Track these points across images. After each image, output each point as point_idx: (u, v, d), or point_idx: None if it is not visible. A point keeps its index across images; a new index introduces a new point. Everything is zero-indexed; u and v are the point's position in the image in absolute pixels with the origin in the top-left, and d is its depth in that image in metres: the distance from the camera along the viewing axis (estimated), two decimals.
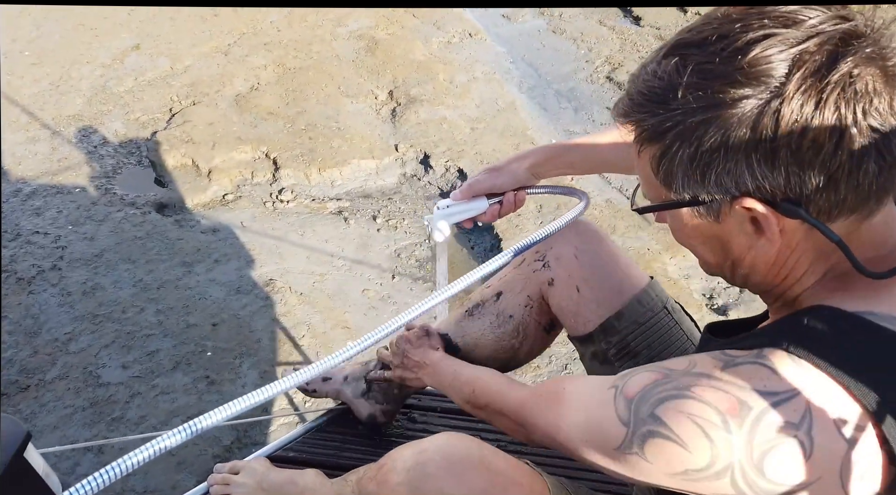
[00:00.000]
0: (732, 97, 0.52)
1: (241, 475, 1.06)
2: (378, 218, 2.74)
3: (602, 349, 0.98)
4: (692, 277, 2.40)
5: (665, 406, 0.56)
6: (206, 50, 3.86)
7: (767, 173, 0.53)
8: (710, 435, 0.53)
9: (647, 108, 0.57)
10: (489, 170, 0.95)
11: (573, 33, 4.13)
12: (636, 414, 0.58)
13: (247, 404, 0.55)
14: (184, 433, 0.45)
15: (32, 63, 3.74)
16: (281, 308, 2.30)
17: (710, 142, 0.54)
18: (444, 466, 0.73)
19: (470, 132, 3.19)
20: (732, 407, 0.53)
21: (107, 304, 2.30)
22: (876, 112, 0.51)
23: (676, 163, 0.56)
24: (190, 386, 2.03)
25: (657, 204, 0.62)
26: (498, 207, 0.96)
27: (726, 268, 0.64)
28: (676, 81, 0.54)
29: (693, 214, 0.59)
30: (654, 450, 0.56)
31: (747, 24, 0.52)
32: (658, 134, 0.56)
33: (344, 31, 4.07)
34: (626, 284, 0.98)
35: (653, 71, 0.57)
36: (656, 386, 0.58)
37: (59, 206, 2.73)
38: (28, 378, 2.04)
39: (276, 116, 3.28)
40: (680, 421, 0.55)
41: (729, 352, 0.57)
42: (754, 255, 0.59)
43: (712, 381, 0.55)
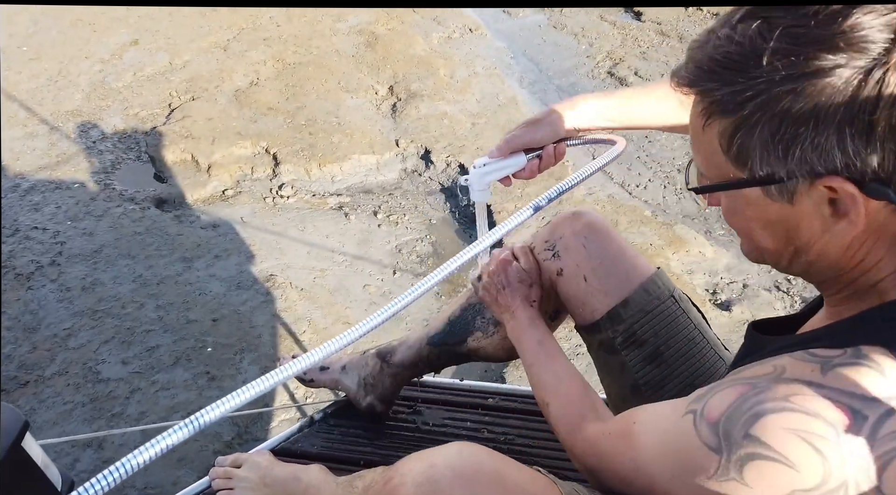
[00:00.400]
0: (828, 64, 0.47)
1: (243, 468, 1.04)
2: (379, 213, 2.73)
3: (609, 337, 0.96)
4: (695, 272, 2.39)
5: (761, 423, 0.50)
6: (205, 45, 3.84)
7: (861, 149, 0.48)
8: (822, 451, 0.48)
9: (721, 75, 0.51)
10: (527, 124, 0.90)
11: (574, 28, 4.11)
12: (727, 438, 0.52)
13: (248, 395, 0.52)
14: (188, 428, 0.43)
15: (30, 58, 3.72)
16: (281, 303, 2.29)
17: (797, 114, 0.48)
18: (456, 482, 0.68)
19: (471, 127, 3.17)
20: (844, 417, 0.48)
21: (106, 300, 2.28)
22: None
23: (755, 138, 0.51)
24: (190, 381, 2.01)
25: (722, 183, 0.56)
26: (537, 162, 0.92)
27: (785, 256, 0.58)
28: (760, 46, 0.49)
29: (762, 195, 0.54)
30: (754, 474, 0.51)
31: None
32: (735, 105, 0.51)
33: (344, 27, 4.05)
34: (633, 273, 0.97)
35: (726, 35, 0.51)
36: (744, 402, 0.52)
37: (57, 202, 2.71)
38: (27, 374, 2.03)
39: (276, 111, 3.26)
40: (783, 439, 0.49)
41: (816, 352, 0.52)
42: (827, 240, 0.54)
43: (814, 388, 0.50)
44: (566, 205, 2.58)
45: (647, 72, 3.60)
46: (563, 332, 2.13)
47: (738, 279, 2.35)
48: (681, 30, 3.99)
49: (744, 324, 2.17)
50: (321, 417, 1.28)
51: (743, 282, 2.34)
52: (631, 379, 0.96)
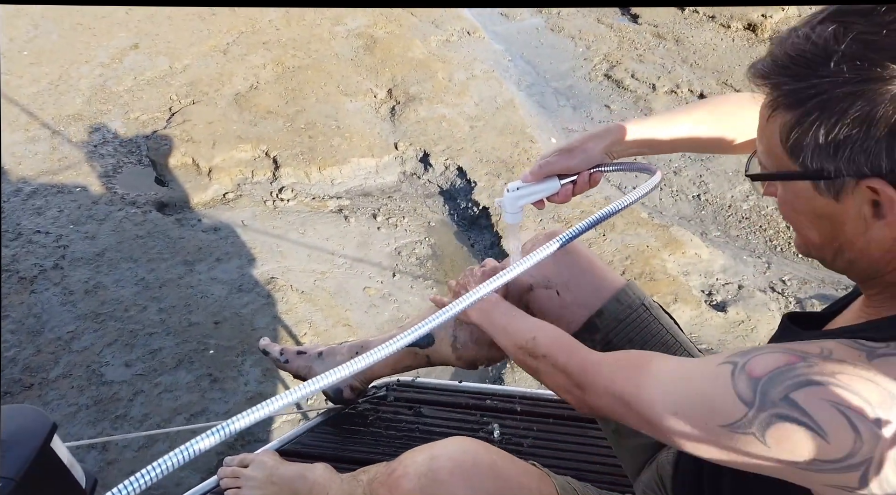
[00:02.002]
0: (890, 74, 0.49)
1: (250, 468, 1.07)
2: (378, 216, 2.75)
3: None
4: (691, 274, 2.41)
5: (806, 391, 0.53)
6: (205, 49, 3.87)
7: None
8: (858, 427, 0.51)
9: (791, 71, 0.54)
10: (562, 152, 0.91)
11: (571, 31, 4.14)
12: (763, 395, 0.54)
13: (281, 403, 0.53)
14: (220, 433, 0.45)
15: (31, 63, 3.74)
16: (282, 306, 2.31)
17: (853, 117, 0.51)
18: (456, 473, 0.73)
19: (469, 130, 3.20)
20: (884, 400, 0.50)
21: (109, 303, 2.31)
22: None
23: (811, 134, 0.54)
24: (193, 383, 2.04)
25: (775, 173, 0.59)
26: (571, 188, 0.92)
27: (829, 251, 0.61)
28: (832, 48, 0.51)
29: (811, 189, 0.57)
30: (778, 435, 0.53)
31: None
32: (798, 100, 0.54)
33: (342, 30, 4.08)
34: (605, 285, 1.01)
35: (805, 35, 0.54)
36: (792, 369, 0.54)
37: (60, 206, 2.74)
38: (31, 376, 2.05)
39: (276, 115, 3.28)
40: (823, 409, 0.51)
41: (864, 343, 0.55)
42: (868, 240, 0.57)
43: (860, 370, 0.52)
44: (554, 212, 2.61)
45: (643, 74, 3.63)
46: None
47: (734, 280, 2.38)
48: (677, 32, 4.02)
49: (739, 325, 2.21)
50: (325, 418, 1.31)
51: (738, 284, 2.37)
52: None
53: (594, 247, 2.48)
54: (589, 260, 1.02)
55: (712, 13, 4.15)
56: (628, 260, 2.43)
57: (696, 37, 3.97)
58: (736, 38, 3.96)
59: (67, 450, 0.48)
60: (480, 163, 2.96)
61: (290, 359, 1.27)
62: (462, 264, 2.54)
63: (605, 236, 2.53)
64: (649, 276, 2.35)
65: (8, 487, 0.43)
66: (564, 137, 3.25)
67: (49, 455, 0.44)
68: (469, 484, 0.73)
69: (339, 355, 1.23)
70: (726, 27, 4.04)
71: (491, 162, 2.97)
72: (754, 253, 2.52)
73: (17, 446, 0.43)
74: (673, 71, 3.65)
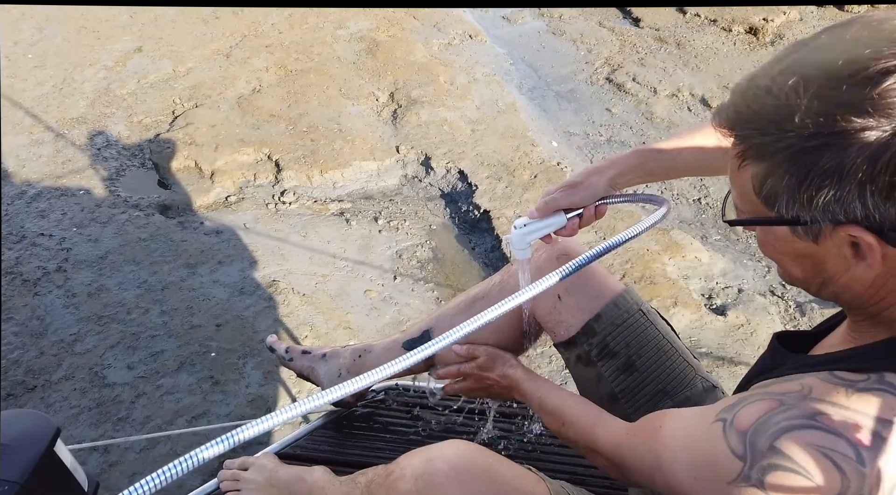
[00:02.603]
0: (856, 127, 0.51)
1: (250, 471, 1.09)
2: (380, 219, 2.76)
3: (585, 351, 1.02)
4: (691, 278, 2.42)
5: (787, 437, 0.54)
6: (208, 52, 3.89)
7: (880, 204, 0.52)
8: (842, 468, 0.52)
9: (757, 125, 0.55)
10: (566, 187, 0.93)
11: (573, 35, 4.15)
12: (752, 447, 0.56)
13: (301, 409, 0.54)
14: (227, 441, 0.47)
15: (35, 66, 3.76)
16: (284, 309, 2.32)
17: (823, 169, 0.52)
18: (452, 475, 0.75)
19: (470, 133, 3.21)
20: (865, 438, 0.52)
21: (112, 305, 2.32)
22: None
23: (783, 184, 0.55)
24: (194, 386, 2.05)
25: (753, 218, 0.61)
26: (577, 221, 0.94)
27: (813, 285, 0.63)
28: (794, 102, 0.53)
29: (790, 233, 0.59)
30: (775, 484, 0.54)
31: (878, 51, 0.51)
32: (767, 154, 0.55)
33: (345, 34, 4.09)
34: (604, 289, 1.03)
35: (766, 87, 0.55)
36: (773, 416, 0.56)
37: (63, 208, 2.76)
38: (34, 378, 2.07)
39: (278, 118, 3.30)
40: (807, 454, 0.53)
41: (841, 375, 0.56)
42: (850, 277, 0.58)
43: (840, 409, 0.53)
44: None
45: (645, 77, 3.64)
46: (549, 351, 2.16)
47: (734, 284, 2.39)
48: (678, 36, 4.03)
49: (739, 329, 2.21)
50: (324, 422, 1.32)
51: (738, 287, 2.37)
52: (608, 388, 1.01)
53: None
54: (589, 265, 1.03)
55: (714, 17, 4.16)
56: (629, 263, 2.44)
57: (697, 40, 3.97)
58: (737, 41, 3.97)
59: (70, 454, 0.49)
60: (482, 167, 2.98)
61: (294, 358, 1.28)
62: (463, 267, 2.55)
63: (605, 240, 2.54)
64: (649, 280, 2.36)
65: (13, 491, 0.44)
66: (566, 141, 3.26)
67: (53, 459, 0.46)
68: (464, 487, 0.74)
69: (342, 358, 1.25)
70: (728, 31, 4.05)
71: (492, 165, 2.98)
72: (754, 257, 2.52)
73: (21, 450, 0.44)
74: (674, 75, 3.66)
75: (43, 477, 0.45)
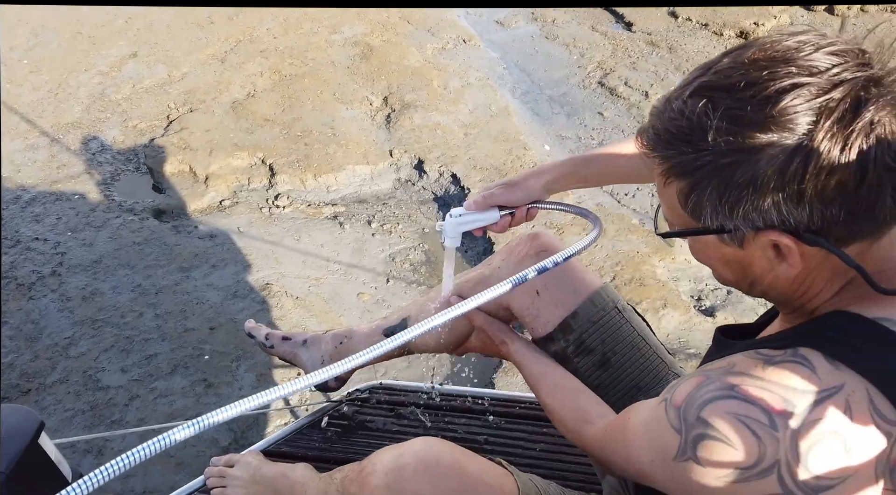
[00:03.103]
0: (762, 142, 0.55)
1: (235, 468, 1.11)
2: (373, 222, 2.78)
3: (562, 347, 1.05)
4: (680, 279, 2.44)
5: (711, 407, 0.59)
6: (203, 57, 3.91)
7: (793, 209, 0.57)
8: (758, 433, 0.56)
9: (674, 145, 0.60)
10: (505, 185, 0.98)
11: (566, 39, 4.18)
12: (685, 420, 0.60)
13: (278, 394, 0.57)
14: (194, 427, 0.49)
15: (31, 71, 3.78)
16: (277, 312, 2.34)
17: (739, 182, 0.57)
18: (421, 470, 0.78)
19: (463, 137, 3.24)
20: (778, 404, 0.56)
21: (106, 309, 2.34)
22: (893, 151, 0.55)
23: (705, 198, 0.60)
24: (188, 388, 2.07)
25: (683, 230, 0.65)
26: (509, 219, 0.99)
27: (743, 285, 0.68)
28: (705, 123, 0.57)
29: (717, 241, 0.63)
30: (705, 453, 0.59)
31: (774, 71, 0.55)
32: (688, 171, 0.60)
33: (339, 38, 4.12)
34: (581, 286, 1.05)
35: (679, 109, 0.59)
36: (699, 389, 0.61)
37: (58, 213, 2.77)
38: (28, 382, 2.08)
39: (273, 123, 3.32)
40: (727, 422, 0.57)
41: (763, 351, 0.61)
42: (775, 276, 0.63)
43: (755, 380, 0.58)
44: (537, 220, 2.64)
45: (637, 81, 3.67)
46: None
47: (722, 286, 2.41)
48: (670, 40, 4.06)
49: None
50: (310, 421, 1.34)
51: (727, 289, 2.40)
52: (584, 383, 1.03)
53: (585, 253, 2.51)
54: (568, 262, 1.05)
55: (705, 21, 4.20)
56: (619, 265, 2.46)
57: (689, 44, 4.01)
58: (728, 45, 4.00)
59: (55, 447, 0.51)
60: (474, 170, 3.00)
61: (275, 344, 1.28)
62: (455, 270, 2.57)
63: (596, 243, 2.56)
64: (639, 282, 2.38)
65: None
66: (558, 145, 3.28)
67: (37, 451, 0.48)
68: (433, 481, 0.77)
69: (323, 344, 1.25)
70: (719, 35, 4.08)
71: (485, 169, 3.01)
72: None
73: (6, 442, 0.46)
74: (666, 78, 3.69)
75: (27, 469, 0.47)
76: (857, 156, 0.54)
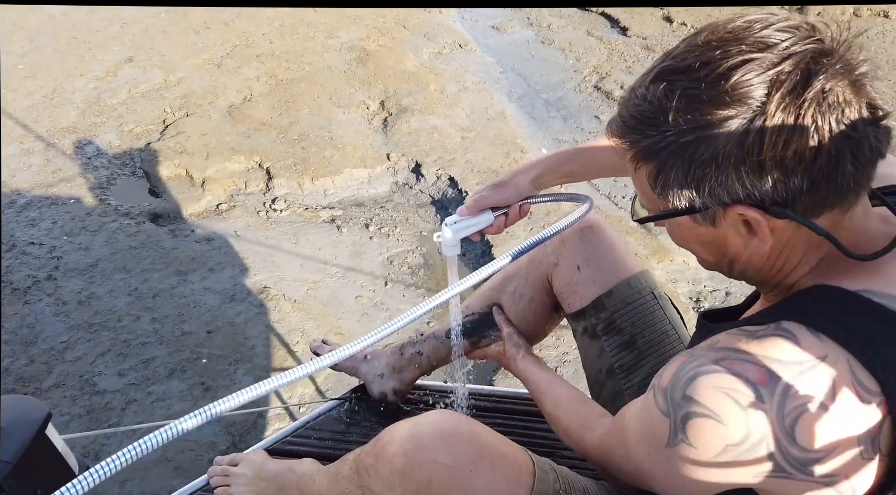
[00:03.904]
0: (719, 118, 0.57)
1: (239, 466, 1.11)
2: (370, 226, 2.78)
3: (592, 324, 1.07)
4: (679, 281, 2.44)
5: (696, 383, 0.59)
6: (199, 62, 3.90)
7: (756, 182, 0.58)
8: (744, 406, 0.56)
9: (639, 130, 0.62)
10: (494, 186, 1.00)
11: (561, 43, 4.20)
12: (672, 401, 0.61)
13: (275, 384, 0.58)
14: (203, 415, 0.48)
15: (26, 76, 3.77)
16: (275, 315, 2.33)
17: (701, 159, 0.58)
18: (438, 437, 0.78)
19: (461, 141, 3.24)
20: (762, 377, 0.56)
21: (102, 313, 2.32)
22: (848, 120, 0.56)
23: (672, 178, 0.61)
24: (185, 392, 2.05)
25: (656, 214, 0.67)
26: (504, 219, 1.01)
27: (724, 266, 0.69)
28: (666, 106, 0.59)
29: (690, 221, 0.64)
30: (695, 432, 0.59)
31: (726, 50, 0.57)
32: (653, 153, 0.61)
33: (335, 43, 4.12)
34: (621, 267, 1.07)
35: (642, 95, 0.61)
36: (683, 368, 0.61)
37: (54, 217, 2.76)
38: (25, 386, 2.06)
39: (269, 127, 3.32)
40: (712, 396, 0.57)
41: (746, 328, 0.61)
42: (750, 253, 0.64)
43: (739, 354, 0.58)
44: (552, 216, 2.64)
45: None
46: (550, 340, 2.18)
47: (721, 287, 2.41)
48: (665, 44, 4.08)
49: None
50: (313, 418, 1.34)
51: (725, 291, 2.40)
52: (607, 362, 1.06)
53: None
54: (612, 241, 1.09)
55: (699, 26, 4.22)
56: None
57: None
58: None
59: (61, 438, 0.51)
60: (472, 174, 3.00)
61: (338, 363, 1.32)
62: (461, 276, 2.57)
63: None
64: None
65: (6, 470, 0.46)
66: (555, 148, 3.29)
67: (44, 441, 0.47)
68: (450, 448, 0.78)
69: (384, 357, 1.32)
70: None
71: (482, 172, 3.01)
72: None
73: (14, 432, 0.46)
74: None
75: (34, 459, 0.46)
76: (810, 125, 0.55)
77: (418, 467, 0.77)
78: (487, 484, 0.78)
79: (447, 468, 0.77)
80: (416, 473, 0.77)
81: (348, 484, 0.88)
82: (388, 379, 1.31)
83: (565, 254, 1.09)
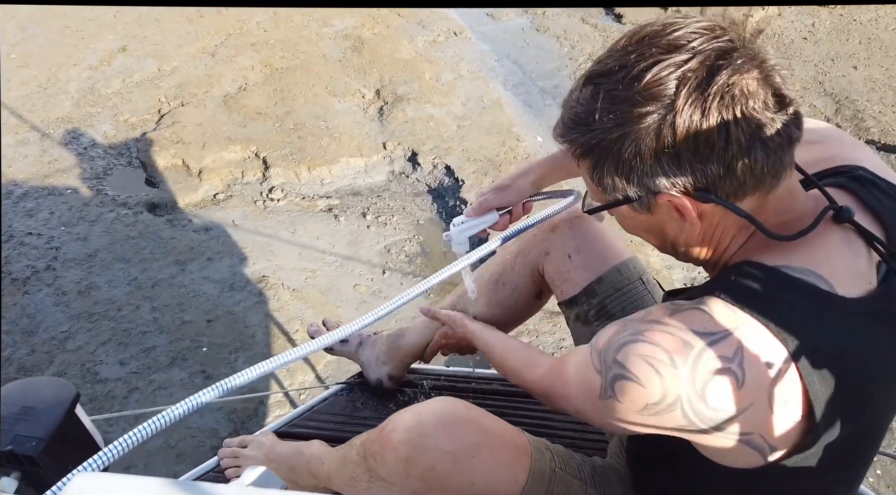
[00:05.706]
0: (637, 115, 0.62)
1: (249, 448, 1.13)
2: (368, 215, 2.79)
3: (584, 310, 1.10)
4: (674, 267, 2.47)
5: (624, 350, 0.66)
6: (193, 51, 3.89)
7: (676, 171, 0.63)
8: (661, 372, 0.63)
9: (575, 130, 0.68)
10: (497, 189, 1.06)
11: (556, 31, 4.20)
12: (604, 362, 0.68)
13: (278, 362, 0.62)
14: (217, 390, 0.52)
15: (19, 66, 3.75)
16: (274, 303, 2.35)
17: (627, 153, 0.64)
18: (440, 424, 0.82)
19: (456, 129, 3.25)
20: (677, 346, 0.63)
21: (102, 303, 2.34)
22: (753, 110, 0.61)
23: (606, 172, 0.67)
24: (186, 380, 2.07)
25: (600, 205, 0.73)
26: (508, 217, 1.07)
27: (669, 249, 0.75)
28: (593, 107, 0.65)
29: (630, 210, 0.70)
30: (621, 391, 0.66)
31: (641, 53, 0.63)
32: (588, 150, 0.67)
33: (330, 31, 4.11)
34: (610, 254, 1.11)
35: (576, 99, 0.68)
36: (617, 335, 0.68)
37: (51, 208, 2.76)
38: (26, 375, 2.08)
39: (265, 116, 3.32)
40: (636, 362, 0.65)
41: (676, 302, 0.68)
42: (686, 237, 0.70)
43: (661, 326, 0.65)
44: None
45: None
46: (546, 327, 2.21)
47: None
48: None
49: None
50: (319, 402, 1.36)
51: None
52: None
53: None
54: (601, 230, 1.14)
55: (694, 13, 4.23)
56: None
57: None
58: None
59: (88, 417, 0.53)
60: (468, 162, 3.01)
61: (335, 348, 1.39)
62: (451, 261, 2.59)
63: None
64: None
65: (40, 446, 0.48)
66: (550, 136, 3.30)
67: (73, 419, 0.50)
68: (451, 434, 0.81)
69: (378, 343, 1.36)
70: None
71: (478, 160, 3.02)
72: None
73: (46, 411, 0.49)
74: None
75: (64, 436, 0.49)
76: (716, 117, 0.61)
77: (422, 454, 0.81)
78: (488, 467, 0.82)
79: (449, 454, 0.81)
80: (420, 460, 0.81)
81: (356, 467, 0.91)
82: (383, 365, 1.35)
83: (557, 243, 1.13)
